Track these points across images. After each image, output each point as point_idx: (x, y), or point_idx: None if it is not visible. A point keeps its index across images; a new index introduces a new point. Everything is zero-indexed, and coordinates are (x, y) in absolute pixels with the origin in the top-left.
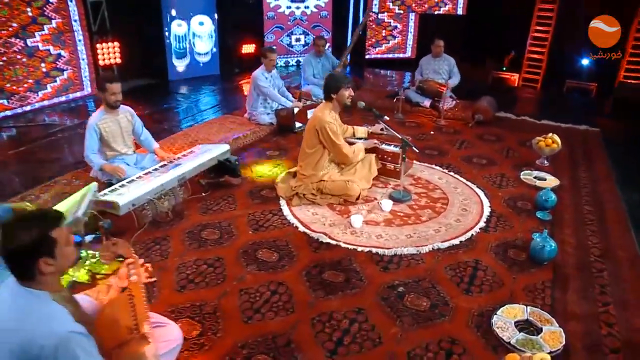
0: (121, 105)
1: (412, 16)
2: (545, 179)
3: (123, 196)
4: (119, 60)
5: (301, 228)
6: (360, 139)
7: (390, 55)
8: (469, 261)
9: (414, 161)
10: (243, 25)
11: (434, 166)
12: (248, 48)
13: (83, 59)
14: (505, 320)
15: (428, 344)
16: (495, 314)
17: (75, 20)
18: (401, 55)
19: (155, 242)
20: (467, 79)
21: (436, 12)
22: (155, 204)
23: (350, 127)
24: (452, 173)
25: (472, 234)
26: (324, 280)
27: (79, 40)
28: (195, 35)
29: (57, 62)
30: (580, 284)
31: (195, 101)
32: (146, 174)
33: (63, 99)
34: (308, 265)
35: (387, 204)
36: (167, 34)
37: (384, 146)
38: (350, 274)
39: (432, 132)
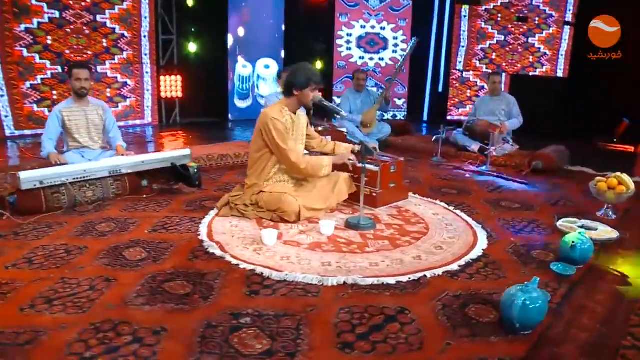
0: (96, 100)
1: (502, 77)
2: (596, 229)
3: (31, 172)
4: (180, 94)
5: (202, 236)
6: None
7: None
8: (390, 307)
9: (411, 193)
10: None
11: (437, 202)
12: None
13: (148, 90)
14: None
15: None
16: None
17: (145, 54)
18: None
19: (49, 225)
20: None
21: (531, 74)
22: (72, 190)
23: (330, 142)
24: (457, 211)
25: (426, 275)
26: (161, 289)
27: (146, 72)
28: (259, 77)
29: (122, 90)
30: None
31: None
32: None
33: (121, 124)
34: (163, 271)
35: (328, 227)
36: (231, 74)
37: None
38: (200, 288)
39: (467, 175)
